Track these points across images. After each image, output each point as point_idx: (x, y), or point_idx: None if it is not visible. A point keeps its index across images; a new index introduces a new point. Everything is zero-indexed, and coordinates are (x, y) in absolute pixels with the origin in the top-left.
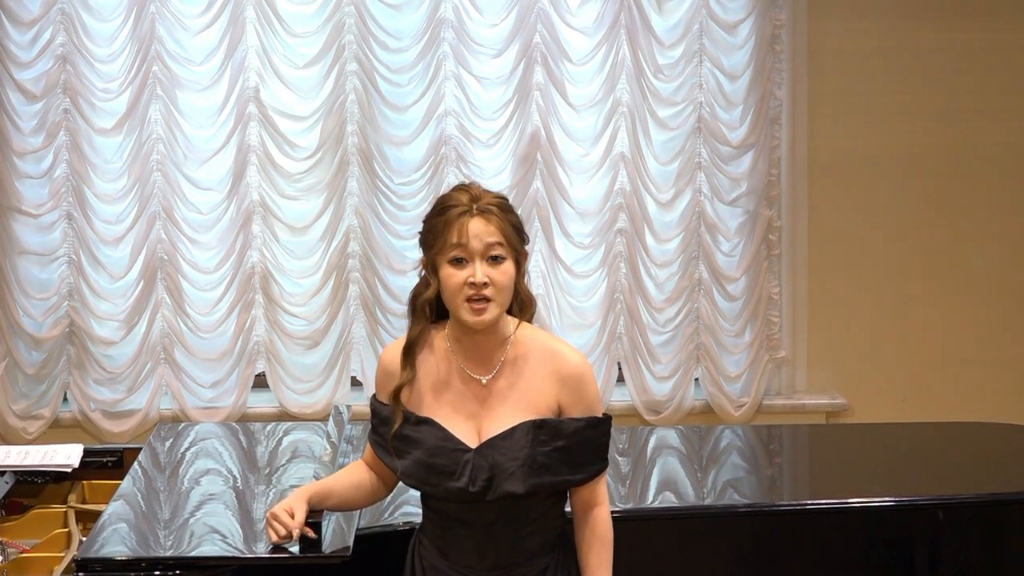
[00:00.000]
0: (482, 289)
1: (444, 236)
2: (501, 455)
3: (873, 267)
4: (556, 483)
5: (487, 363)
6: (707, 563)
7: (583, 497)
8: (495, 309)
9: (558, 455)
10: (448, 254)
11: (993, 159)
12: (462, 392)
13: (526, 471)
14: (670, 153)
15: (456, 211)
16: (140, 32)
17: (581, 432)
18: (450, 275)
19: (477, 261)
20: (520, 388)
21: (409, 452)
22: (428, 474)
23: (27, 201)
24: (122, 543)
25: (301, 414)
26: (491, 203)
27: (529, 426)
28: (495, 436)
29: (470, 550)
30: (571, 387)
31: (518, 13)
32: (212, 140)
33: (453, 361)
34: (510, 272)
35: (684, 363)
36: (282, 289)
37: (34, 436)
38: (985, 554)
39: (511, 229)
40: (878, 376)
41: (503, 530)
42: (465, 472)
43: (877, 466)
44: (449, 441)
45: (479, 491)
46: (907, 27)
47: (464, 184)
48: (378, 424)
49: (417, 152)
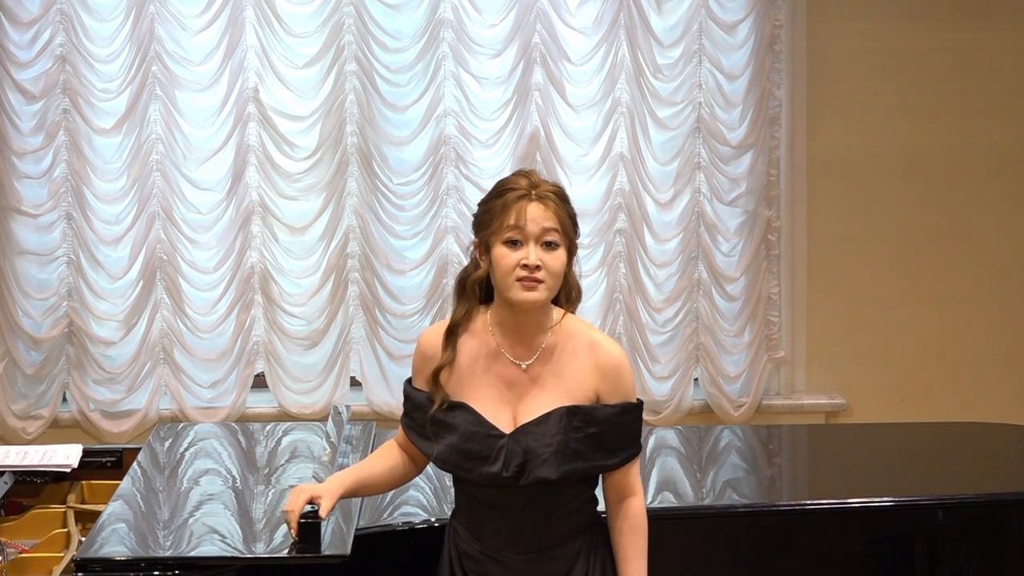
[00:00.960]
0: (534, 272)
1: (501, 217)
2: (535, 441)
3: (872, 267)
4: (589, 468)
5: (528, 348)
6: (706, 563)
7: (617, 486)
8: (544, 292)
9: (591, 441)
10: (503, 235)
11: (993, 159)
12: (501, 376)
13: (559, 457)
14: (669, 153)
15: (515, 194)
16: (139, 32)
17: (614, 418)
18: (503, 255)
19: (532, 244)
20: (559, 376)
21: (443, 436)
22: (462, 459)
23: (26, 201)
24: (121, 543)
25: (300, 414)
26: (550, 190)
27: (563, 412)
28: (529, 422)
29: (502, 534)
30: (610, 378)
31: (517, 13)
32: (211, 140)
33: (494, 345)
34: (562, 259)
35: (683, 363)
36: (281, 289)
37: (33, 436)
38: (985, 554)
39: (567, 218)
40: (877, 376)
41: (535, 515)
42: (499, 457)
43: (877, 466)
44: (483, 426)
45: (512, 476)
46: (906, 27)
47: (524, 171)
48: (411, 409)
49: (416, 152)
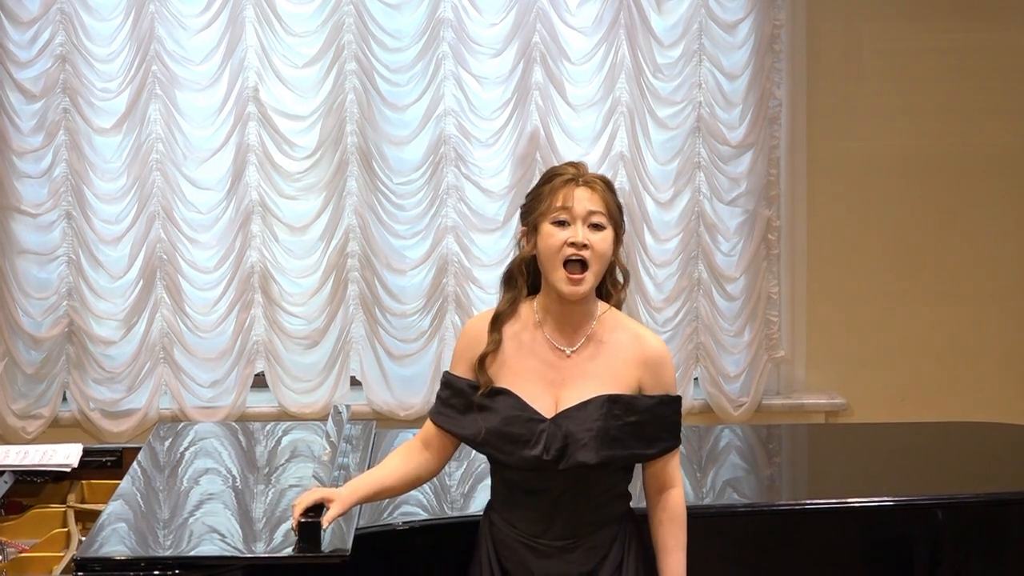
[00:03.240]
0: (581, 250)
1: (549, 200)
2: (575, 425)
3: (872, 266)
4: (627, 456)
5: (573, 335)
6: (706, 563)
7: (657, 477)
8: (590, 279)
9: (630, 429)
10: (551, 216)
11: (993, 159)
12: (545, 362)
13: (598, 442)
14: (669, 153)
15: (562, 179)
16: (139, 32)
17: (653, 409)
18: (551, 233)
19: (579, 223)
20: (602, 364)
21: (485, 421)
22: (503, 442)
23: (26, 201)
24: (121, 543)
25: (300, 414)
26: (597, 177)
27: (604, 400)
28: (570, 407)
29: (537, 520)
30: (653, 370)
31: (517, 13)
32: (211, 140)
33: (540, 331)
34: (609, 240)
35: (683, 363)
36: (281, 289)
37: (33, 436)
38: (985, 554)
39: (613, 204)
40: (877, 376)
41: (571, 501)
42: (540, 441)
43: (876, 466)
44: (524, 411)
45: (552, 459)
46: (906, 27)
47: (572, 162)
48: (450, 396)
49: (416, 152)
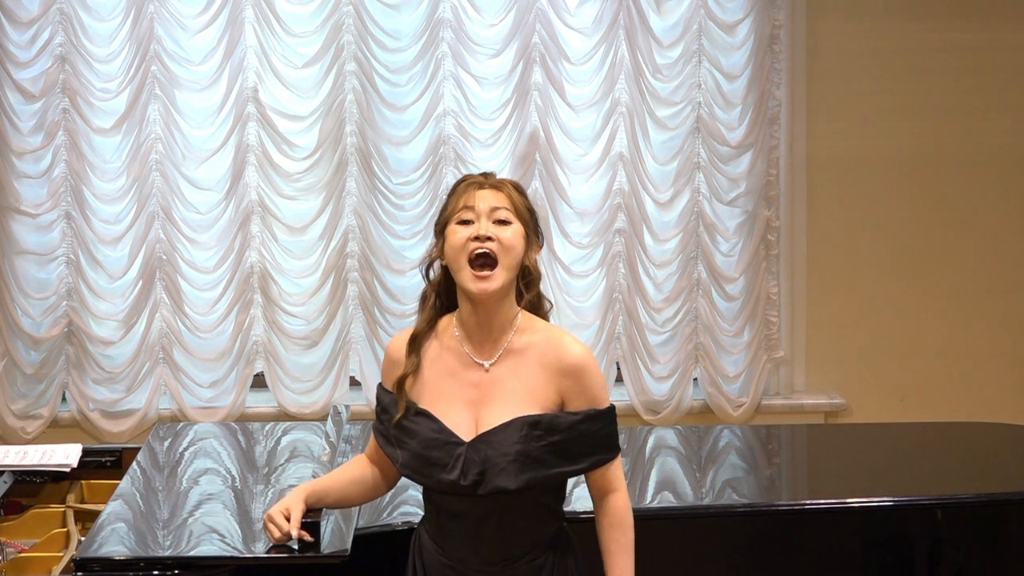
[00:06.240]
0: (485, 242)
1: (453, 203)
2: (493, 450)
3: (872, 267)
4: (550, 476)
5: (491, 348)
6: (706, 563)
7: (597, 484)
8: (500, 275)
9: (553, 449)
10: (456, 217)
11: (992, 159)
12: (465, 380)
13: (517, 466)
14: (669, 153)
15: (467, 183)
16: (139, 32)
17: (577, 426)
18: (454, 231)
19: (483, 219)
20: (522, 378)
21: (407, 443)
22: (423, 465)
23: (26, 201)
24: (120, 543)
25: (300, 414)
26: (505, 180)
27: (523, 422)
28: (488, 431)
29: (464, 543)
30: (575, 380)
31: (517, 13)
32: (211, 140)
33: (458, 347)
34: (519, 235)
35: (683, 363)
36: (281, 289)
37: (33, 436)
38: (984, 554)
39: (521, 203)
40: (877, 376)
41: (496, 524)
42: (457, 465)
43: (876, 466)
44: (443, 433)
45: (471, 484)
46: (906, 27)
47: (484, 172)
48: (380, 412)
49: (416, 152)
